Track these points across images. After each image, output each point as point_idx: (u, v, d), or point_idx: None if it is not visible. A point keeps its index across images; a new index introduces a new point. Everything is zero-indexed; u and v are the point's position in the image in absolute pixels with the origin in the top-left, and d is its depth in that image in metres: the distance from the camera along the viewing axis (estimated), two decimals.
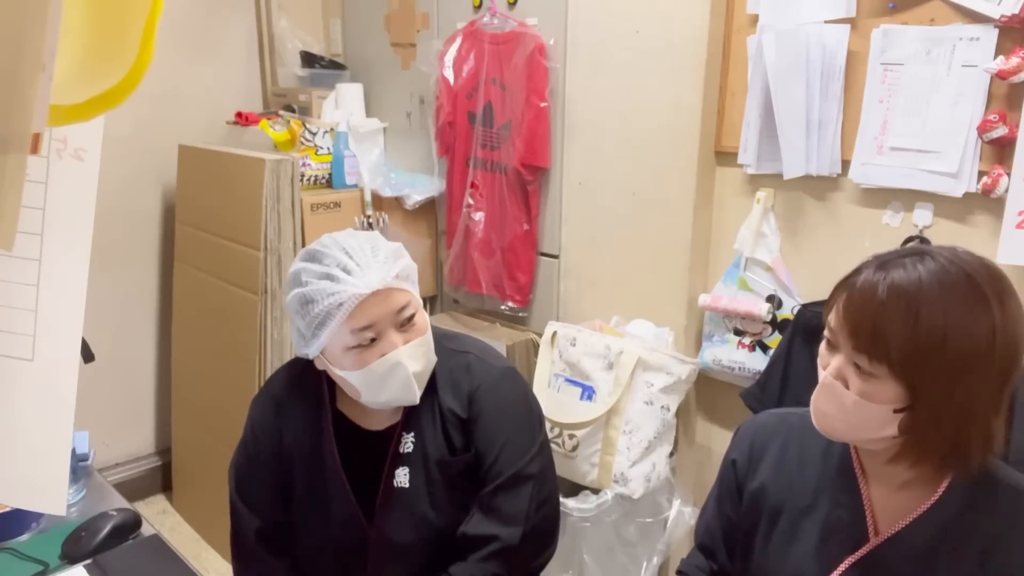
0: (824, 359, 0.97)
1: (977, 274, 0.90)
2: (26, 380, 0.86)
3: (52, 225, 0.84)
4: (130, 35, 0.67)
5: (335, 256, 1.15)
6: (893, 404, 0.91)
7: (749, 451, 1.14)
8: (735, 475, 1.15)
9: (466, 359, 1.29)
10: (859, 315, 0.91)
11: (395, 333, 1.17)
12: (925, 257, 0.91)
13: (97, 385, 2.59)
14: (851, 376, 0.93)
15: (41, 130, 0.62)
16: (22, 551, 1.29)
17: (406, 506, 1.24)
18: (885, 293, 0.89)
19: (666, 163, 1.98)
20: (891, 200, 1.70)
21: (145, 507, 2.80)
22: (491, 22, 2.25)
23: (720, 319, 2.00)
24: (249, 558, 1.30)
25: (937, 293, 0.88)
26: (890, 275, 0.90)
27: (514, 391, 1.30)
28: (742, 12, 1.84)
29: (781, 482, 1.09)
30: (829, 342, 0.97)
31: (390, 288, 1.15)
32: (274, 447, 1.29)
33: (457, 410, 1.26)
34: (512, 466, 1.24)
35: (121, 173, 2.60)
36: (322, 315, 1.13)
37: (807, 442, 1.08)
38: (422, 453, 1.25)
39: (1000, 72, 1.47)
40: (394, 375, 1.17)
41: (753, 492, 1.11)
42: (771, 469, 1.10)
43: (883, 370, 0.89)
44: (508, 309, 2.38)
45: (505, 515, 1.23)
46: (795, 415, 1.14)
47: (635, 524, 2.00)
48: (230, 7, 2.77)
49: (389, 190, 2.46)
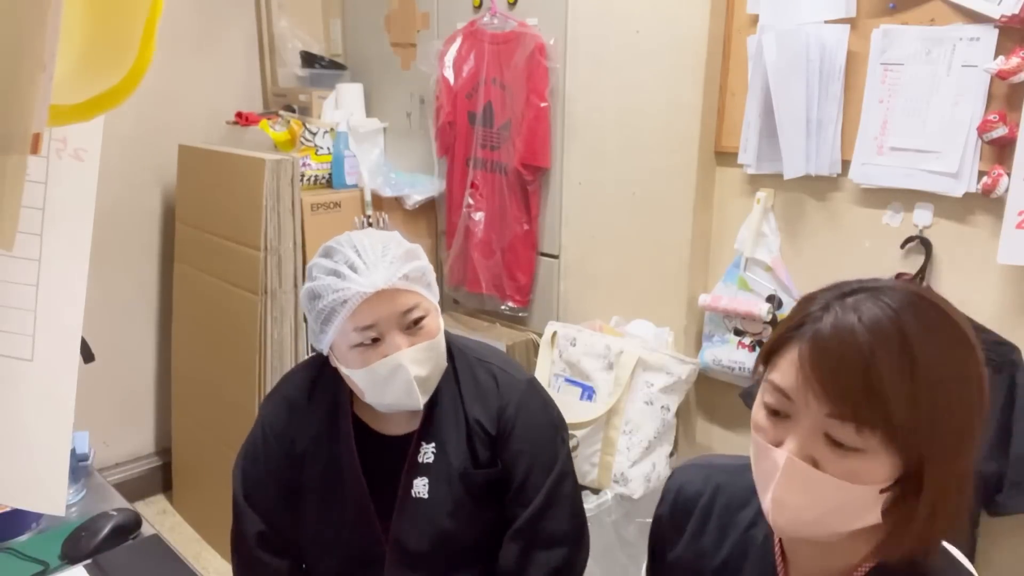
0: (768, 432, 0.75)
1: (943, 305, 0.74)
2: (26, 380, 0.86)
3: (52, 225, 0.84)
4: (130, 35, 0.67)
5: (345, 253, 1.16)
6: (882, 482, 0.71)
7: (671, 512, 0.98)
8: (659, 533, 1.01)
9: (490, 370, 1.29)
10: (841, 372, 0.68)
11: (399, 335, 1.15)
12: (882, 294, 0.72)
13: (97, 385, 2.59)
14: (825, 453, 0.71)
15: (41, 130, 0.62)
16: (22, 551, 1.29)
17: (424, 516, 1.24)
18: (867, 335, 0.68)
19: (666, 163, 1.98)
20: (891, 200, 1.70)
21: (145, 507, 2.80)
22: (491, 22, 2.25)
23: (720, 319, 2.00)
24: (250, 558, 1.29)
25: (923, 332, 0.70)
26: (861, 311, 0.70)
27: (543, 409, 1.30)
28: (742, 12, 1.84)
29: (697, 555, 0.93)
30: (774, 409, 0.74)
31: (396, 289, 1.14)
32: (285, 449, 1.27)
33: (485, 423, 1.25)
34: (542, 484, 1.24)
35: (121, 173, 2.60)
36: (327, 311, 1.14)
37: (732, 506, 0.91)
38: (444, 463, 1.24)
39: (1000, 72, 1.47)
40: (396, 377, 1.15)
41: (671, 563, 0.97)
42: (690, 537, 0.94)
43: (875, 441, 0.68)
44: (508, 309, 2.38)
45: (548, 537, 1.25)
46: (722, 472, 0.95)
47: (635, 524, 2.00)
48: (230, 7, 2.77)
49: (389, 190, 2.46)
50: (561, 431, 1.31)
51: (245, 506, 1.28)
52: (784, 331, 0.75)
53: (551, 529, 1.25)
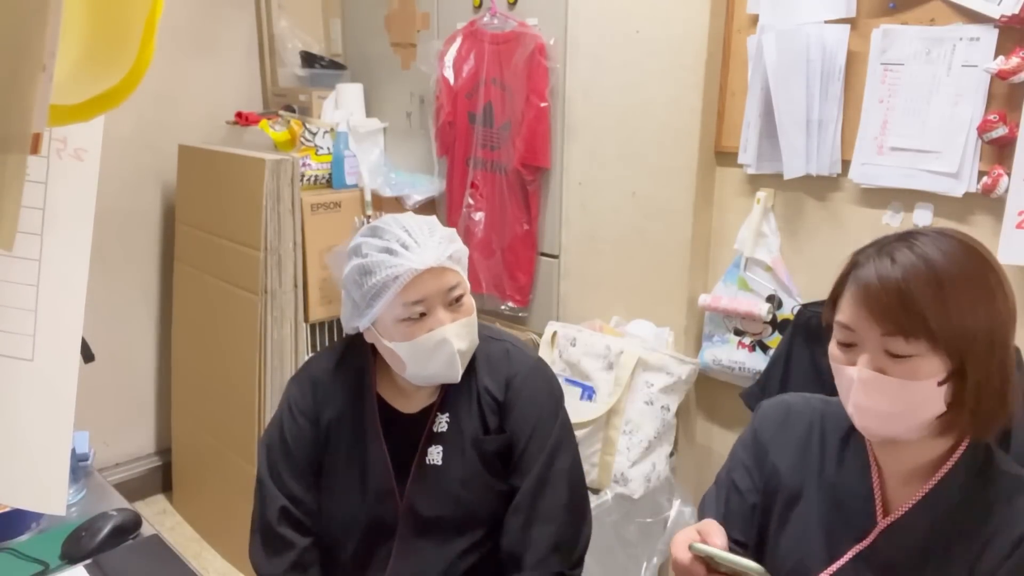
0: (843, 358, 0.95)
1: (969, 242, 0.93)
2: (26, 380, 0.86)
3: (52, 225, 0.84)
4: (130, 35, 0.67)
5: (395, 232, 1.22)
6: (937, 376, 0.90)
7: (775, 426, 1.12)
8: (755, 449, 1.12)
9: (504, 346, 1.37)
10: (884, 299, 0.90)
11: (443, 311, 1.23)
12: (915, 239, 0.93)
13: (97, 385, 2.59)
14: (886, 364, 0.91)
15: (41, 130, 0.62)
16: (22, 551, 1.29)
17: (437, 482, 1.30)
18: (901, 273, 0.89)
19: (666, 163, 1.98)
20: (891, 200, 1.70)
21: (145, 507, 2.80)
22: (491, 22, 2.25)
23: (720, 319, 2.00)
24: (273, 535, 1.31)
25: (949, 265, 0.89)
26: (896, 259, 0.91)
27: (548, 384, 1.37)
28: (742, 12, 1.84)
29: (803, 464, 1.08)
30: (843, 342, 0.95)
31: (443, 267, 1.22)
32: (310, 425, 1.33)
33: (494, 391, 1.32)
34: (540, 453, 1.29)
35: (121, 173, 2.60)
36: (378, 286, 1.20)
37: (829, 429, 1.08)
38: (458, 431, 1.31)
39: (1000, 72, 1.47)
40: (440, 351, 1.22)
41: (774, 467, 1.09)
42: (796, 448, 1.09)
43: (923, 346, 0.89)
44: (508, 309, 2.38)
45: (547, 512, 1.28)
46: (819, 400, 1.13)
47: (635, 524, 2.00)
48: (230, 7, 2.77)
49: (389, 190, 2.46)
50: (562, 410, 1.37)
51: (269, 482, 1.31)
52: (840, 281, 0.96)
53: (549, 503, 1.29)
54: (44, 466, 0.90)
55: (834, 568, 1.01)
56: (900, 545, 0.98)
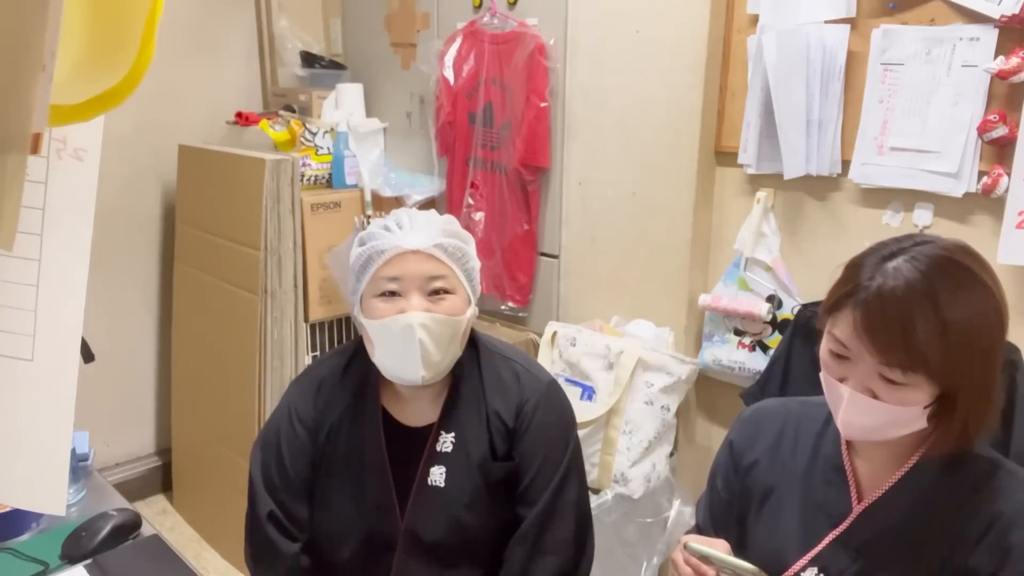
0: (835, 370, 0.96)
1: (960, 255, 0.93)
2: (26, 380, 0.86)
3: (52, 225, 0.84)
4: (130, 35, 0.67)
5: (399, 215, 1.26)
6: (926, 402, 0.92)
7: (748, 431, 1.16)
8: (731, 454, 1.17)
9: (513, 367, 1.32)
10: (885, 335, 0.89)
11: (418, 297, 1.20)
12: (916, 259, 0.91)
13: (97, 385, 2.59)
14: (880, 387, 0.92)
15: (41, 130, 0.62)
16: (22, 551, 1.29)
17: (440, 505, 1.26)
18: (907, 307, 0.88)
19: (666, 163, 1.98)
20: (891, 200, 1.70)
21: (145, 507, 2.80)
22: (491, 22, 2.25)
23: (720, 319, 2.00)
24: (263, 538, 1.30)
25: (950, 293, 0.89)
26: (899, 279, 0.90)
27: (560, 412, 1.33)
28: (742, 12, 1.84)
29: (775, 461, 1.11)
30: (838, 354, 0.95)
31: (430, 254, 1.21)
32: (308, 429, 1.30)
33: (504, 416, 1.28)
34: (547, 486, 1.27)
35: (121, 173, 2.60)
36: (365, 256, 1.22)
37: (803, 427, 1.11)
38: (464, 454, 1.27)
39: (1000, 72, 1.47)
40: (405, 338, 1.18)
41: (747, 468, 1.14)
42: (767, 448, 1.13)
43: (918, 378, 0.89)
44: (508, 309, 2.38)
45: (551, 544, 1.27)
46: (796, 402, 1.16)
47: (635, 524, 2.00)
48: (230, 7, 2.77)
49: (389, 190, 2.46)
50: (574, 437, 1.34)
51: (261, 486, 1.29)
52: (840, 294, 0.94)
53: (555, 535, 1.27)
54: (44, 466, 0.90)
55: (812, 553, 1.03)
56: (877, 528, 1.00)
